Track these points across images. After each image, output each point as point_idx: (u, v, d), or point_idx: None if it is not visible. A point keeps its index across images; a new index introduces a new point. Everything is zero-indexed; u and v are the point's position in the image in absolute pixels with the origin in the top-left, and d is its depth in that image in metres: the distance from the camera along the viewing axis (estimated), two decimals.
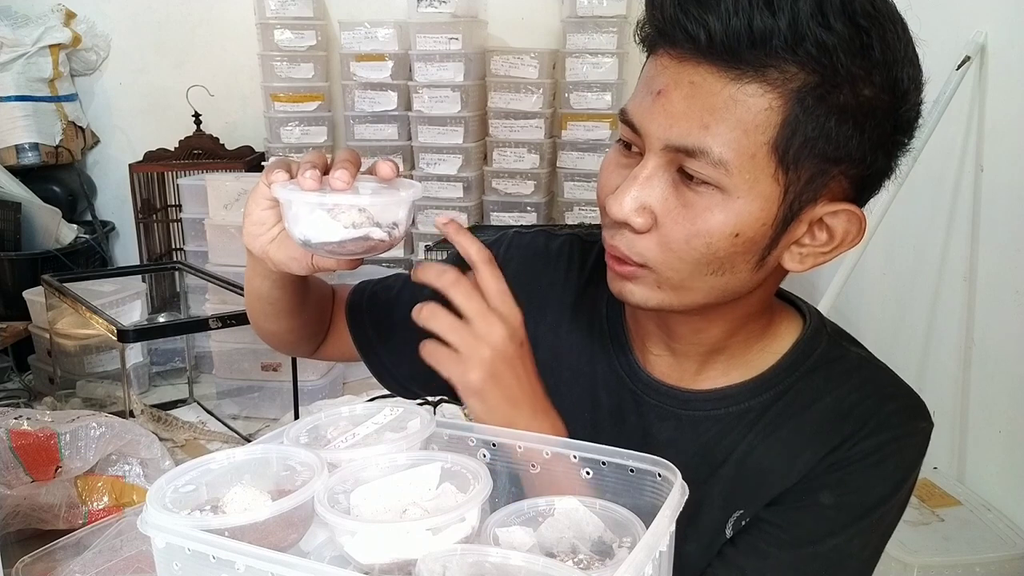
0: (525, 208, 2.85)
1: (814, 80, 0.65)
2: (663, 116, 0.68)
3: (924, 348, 1.91)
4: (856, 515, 0.77)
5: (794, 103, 0.65)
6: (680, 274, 0.72)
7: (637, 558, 0.54)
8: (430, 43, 2.74)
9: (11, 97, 2.98)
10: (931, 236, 1.88)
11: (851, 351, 0.84)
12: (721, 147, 0.66)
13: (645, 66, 0.73)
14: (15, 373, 2.57)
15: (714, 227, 0.69)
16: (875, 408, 0.78)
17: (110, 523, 1.22)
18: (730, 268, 0.71)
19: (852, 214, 0.71)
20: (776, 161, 0.67)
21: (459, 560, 0.55)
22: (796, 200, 0.69)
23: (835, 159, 0.68)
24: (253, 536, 0.57)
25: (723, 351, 0.82)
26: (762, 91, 0.65)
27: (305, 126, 2.95)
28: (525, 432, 0.70)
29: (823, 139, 0.66)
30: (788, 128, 0.66)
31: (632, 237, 0.72)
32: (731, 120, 0.66)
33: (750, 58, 0.64)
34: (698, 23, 0.65)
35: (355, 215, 0.70)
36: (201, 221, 2.53)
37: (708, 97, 0.66)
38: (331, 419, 0.72)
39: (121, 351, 2.01)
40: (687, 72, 0.67)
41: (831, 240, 0.73)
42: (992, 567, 1.55)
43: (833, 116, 0.66)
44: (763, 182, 0.68)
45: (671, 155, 0.69)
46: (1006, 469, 1.70)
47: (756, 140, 0.66)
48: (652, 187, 0.70)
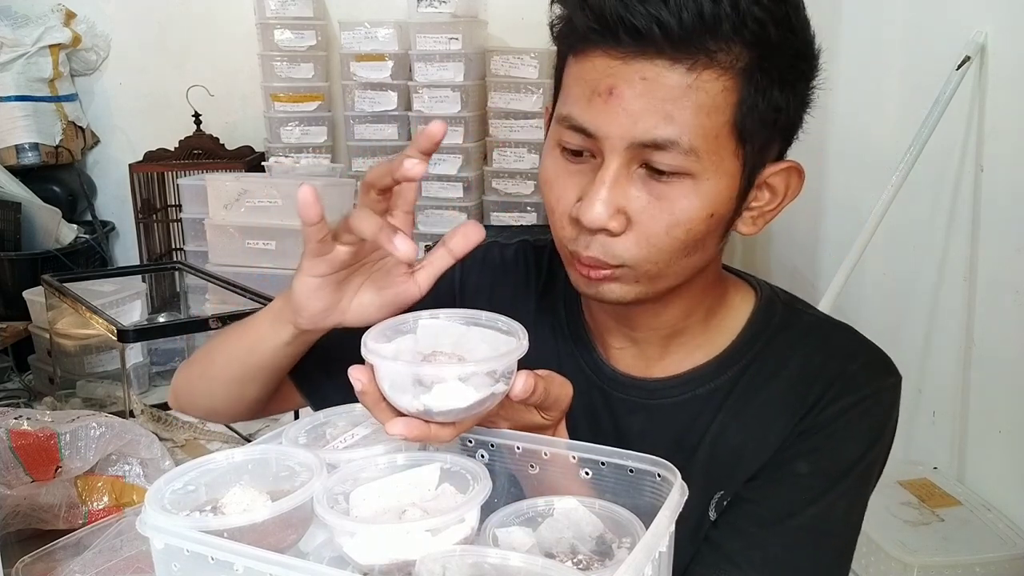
0: (525, 208, 2.85)
1: (756, 56, 0.68)
2: (623, 116, 0.68)
3: (924, 348, 1.91)
4: (833, 479, 0.77)
5: (744, 81, 0.68)
6: (659, 265, 0.72)
7: (637, 558, 0.54)
8: (430, 43, 2.74)
9: (11, 97, 2.99)
10: (931, 236, 1.88)
11: (807, 314, 0.85)
12: (689, 135, 0.67)
13: (570, 68, 0.72)
14: (15, 373, 2.57)
15: (692, 213, 0.70)
16: (839, 369, 0.79)
17: (110, 523, 1.22)
18: (702, 247, 0.73)
19: (791, 168, 0.75)
20: (736, 138, 0.69)
21: (458, 561, 0.55)
22: (752, 170, 0.72)
23: (776, 124, 0.72)
24: (252, 537, 0.57)
25: (683, 332, 0.82)
26: (716, 75, 0.67)
27: (305, 126, 2.95)
28: (525, 433, 0.70)
29: (770, 109, 0.70)
30: (743, 105, 0.68)
31: (608, 241, 0.71)
32: (692, 107, 0.67)
33: (701, 45, 0.66)
34: (648, 18, 0.65)
35: (485, 376, 0.63)
36: (201, 221, 2.53)
37: (665, 90, 0.67)
38: (330, 419, 0.72)
39: (121, 351, 2.01)
40: (636, 69, 0.67)
41: (774, 197, 0.76)
42: (992, 567, 1.55)
43: (775, 86, 0.69)
44: (727, 160, 0.70)
45: (635, 152, 0.69)
46: (1006, 469, 1.70)
47: (717, 121, 0.68)
48: (620, 188, 0.70)
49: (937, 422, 1.83)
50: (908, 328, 1.96)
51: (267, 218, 2.40)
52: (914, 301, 1.96)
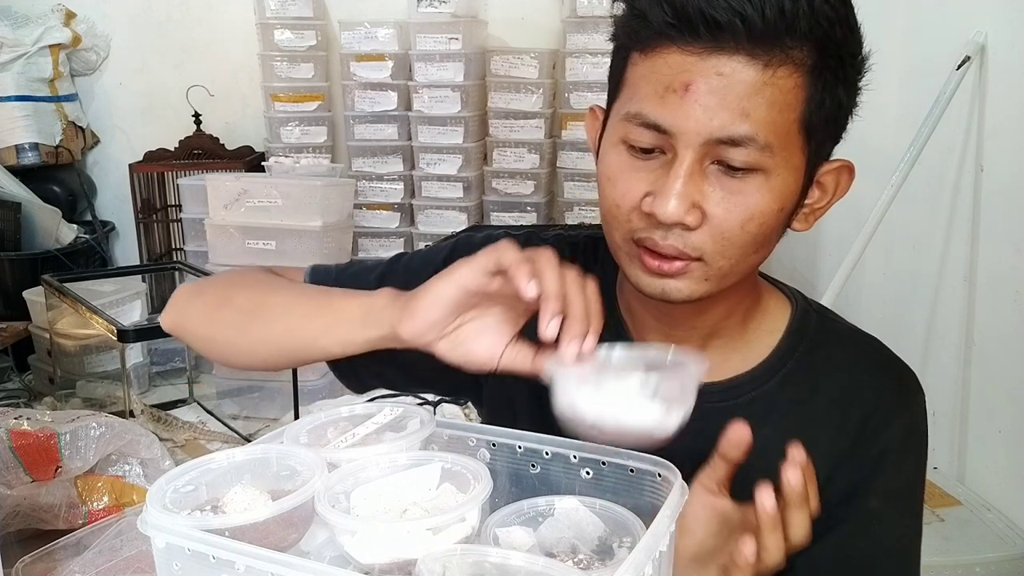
0: (525, 208, 2.85)
1: (822, 55, 0.69)
2: (699, 111, 0.68)
3: (924, 348, 1.91)
4: (904, 503, 0.82)
5: (813, 79, 0.69)
6: (731, 260, 0.73)
7: (637, 558, 0.54)
8: (430, 43, 2.74)
9: (11, 97, 2.98)
10: (931, 236, 1.88)
11: (838, 324, 0.87)
12: (764, 131, 0.68)
13: (636, 66, 0.72)
14: (15, 373, 2.57)
15: (764, 207, 0.71)
16: (880, 390, 0.81)
17: (110, 523, 1.22)
18: (769, 243, 0.75)
19: (843, 167, 0.77)
20: (804, 135, 0.71)
21: (459, 560, 0.55)
22: (814, 166, 0.74)
23: (837, 121, 0.74)
24: (253, 536, 0.57)
25: (720, 333, 0.83)
26: (789, 72, 0.68)
27: (305, 126, 2.95)
28: (526, 432, 0.70)
29: (834, 106, 0.71)
30: (811, 102, 0.70)
31: (685, 234, 0.71)
32: (767, 104, 0.68)
33: (778, 43, 0.67)
34: (730, 11, 0.65)
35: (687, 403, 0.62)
36: (201, 221, 2.53)
37: (742, 86, 0.67)
38: (331, 419, 0.72)
39: (121, 351, 2.01)
40: (712, 64, 0.67)
41: (824, 195, 0.77)
42: (992, 567, 1.55)
43: (839, 84, 0.71)
44: (795, 156, 0.71)
45: (710, 147, 0.69)
46: (1006, 469, 1.70)
47: (789, 118, 0.69)
48: (695, 183, 0.70)
49: (937, 422, 1.83)
50: (908, 328, 1.96)
51: (267, 218, 2.40)
52: (914, 301, 1.96)
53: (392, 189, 2.90)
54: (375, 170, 2.89)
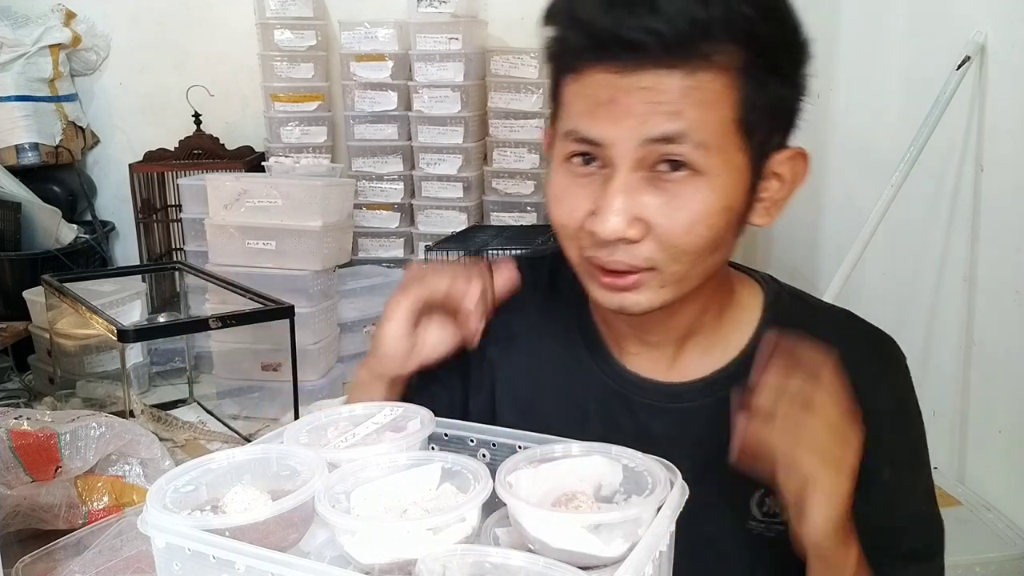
0: (525, 208, 2.85)
1: (750, 52, 0.69)
2: (630, 120, 0.69)
3: (924, 348, 1.91)
4: (919, 461, 0.84)
5: (744, 78, 0.69)
6: (685, 266, 0.72)
7: (637, 558, 0.54)
8: (430, 43, 2.74)
9: (11, 97, 2.98)
10: (931, 236, 1.88)
11: (812, 301, 0.88)
12: (697, 130, 0.68)
13: (568, 87, 0.72)
14: (15, 373, 2.57)
15: (708, 208, 0.70)
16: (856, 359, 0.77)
17: (110, 523, 1.22)
18: (723, 244, 0.74)
19: (796, 154, 0.76)
20: (741, 133, 0.70)
21: (459, 560, 0.55)
22: (759, 161, 0.73)
23: (778, 114, 0.73)
24: (253, 536, 0.57)
25: (697, 332, 0.83)
26: (715, 75, 0.68)
27: (305, 126, 2.95)
28: (526, 433, 0.70)
29: (771, 101, 0.71)
30: (745, 101, 0.70)
31: (631, 247, 0.71)
32: (696, 105, 0.68)
33: (695, 50, 0.67)
34: (642, 31, 0.66)
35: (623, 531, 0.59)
36: (201, 221, 2.53)
37: (668, 93, 0.68)
38: (331, 419, 0.72)
39: (121, 351, 2.01)
40: (636, 79, 0.68)
41: (783, 185, 0.77)
42: (992, 567, 1.55)
43: (772, 79, 0.71)
44: (734, 155, 0.71)
45: (646, 152, 0.69)
46: (1006, 469, 1.70)
47: (722, 118, 0.69)
48: (633, 196, 0.70)
49: (937, 422, 1.83)
50: (908, 328, 1.96)
51: (267, 218, 2.40)
52: (914, 301, 1.96)
53: (392, 189, 2.90)
54: (375, 170, 2.89)
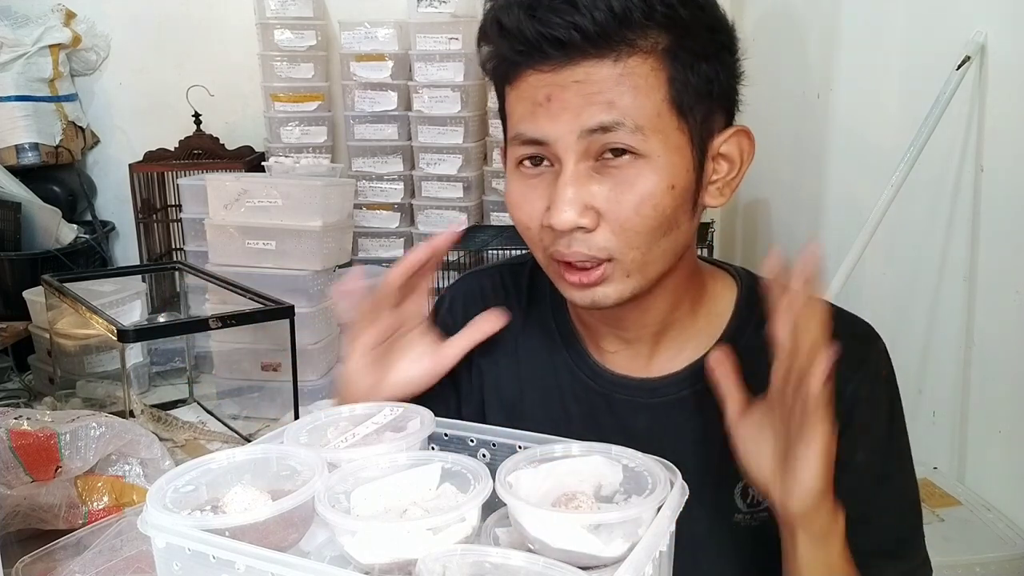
0: None
1: (673, 36, 0.72)
2: (566, 114, 0.72)
3: (924, 348, 1.91)
4: (896, 449, 0.83)
5: (669, 59, 0.72)
6: (640, 249, 0.75)
7: (637, 558, 0.54)
8: (430, 43, 2.74)
9: (11, 97, 2.98)
10: (931, 236, 1.88)
11: None
12: (632, 115, 0.71)
13: (509, 96, 0.77)
14: (15, 373, 2.57)
15: (652, 188, 0.73)
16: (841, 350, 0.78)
17: (110, 523, 1.22)
18: (676, 224, 0.76)
19: (738, 133, 0.79)
20: (676, 114, 0.73)
21: (459, 560, 0.55)
22: (701, 141, 0.76)
23: (712, 94, 0.76)
24: (253, 536, 0.57)
25: (671, 326, 0.84)
26: (642, 59, 0.72)
27: (305, 126, 2.95)
28: (526, 432, 0.70)
29: (701, 82, 0.74)
30: (675, 82, 0.73)
31: (587, 237, 0.74)
32: (629, 91, 0.71)
33: (620, 38, 0.71)
34: (565, 27, 0.70)
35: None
36: (201, 221, 2.53)
37: (599, 84, 0.71)
38: (331, 419, 0.73)
39: (121, 351, 2.01)
40: (568, 75, 0.72)
41: (732, 165, 0.79)
42: (992, 567, 1.55)
43: (699, 60, 0.74)
44: (673, 136, 0.74)
45: (587, 141, 0.72)
46: (1006, 469, 1.70)
47: (655, 99, 0.72)
48: (582, 186, 0.73)
49: (937, 422, 1.83)
50: (908, 328, 1.96)
51: (267, 218, 2.40)
52: (914, 301, 1.96)
53: (392, 189, 2.90)
54: (375, 170, 2.89)
